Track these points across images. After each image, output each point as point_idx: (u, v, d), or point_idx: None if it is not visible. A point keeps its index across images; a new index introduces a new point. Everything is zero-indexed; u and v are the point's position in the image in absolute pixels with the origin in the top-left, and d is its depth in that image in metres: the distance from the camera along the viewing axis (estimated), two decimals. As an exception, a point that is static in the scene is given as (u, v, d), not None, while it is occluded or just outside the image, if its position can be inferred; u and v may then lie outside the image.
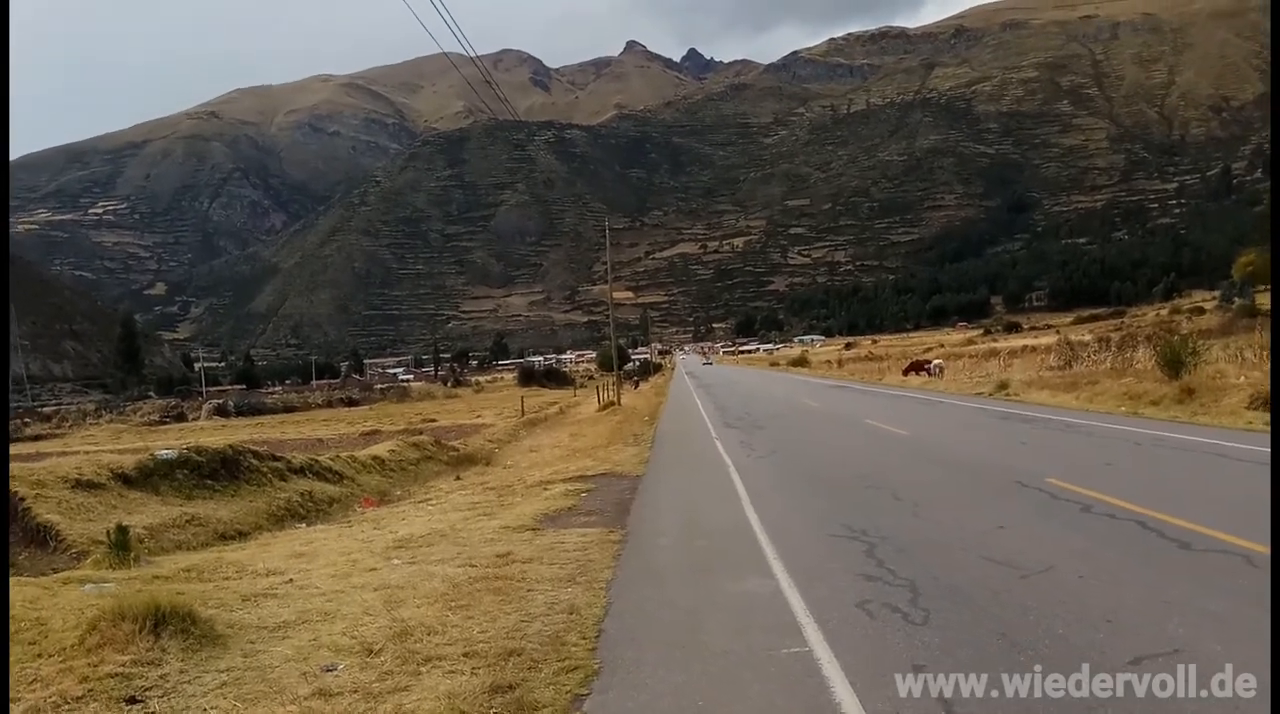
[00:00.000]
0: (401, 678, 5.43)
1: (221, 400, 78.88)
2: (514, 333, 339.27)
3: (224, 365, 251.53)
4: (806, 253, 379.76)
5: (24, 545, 11.28)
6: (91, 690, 5.29)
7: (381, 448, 23.32)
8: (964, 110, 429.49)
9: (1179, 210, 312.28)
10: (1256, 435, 14.37)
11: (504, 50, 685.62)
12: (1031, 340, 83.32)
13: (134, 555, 9.71)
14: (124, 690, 5.32)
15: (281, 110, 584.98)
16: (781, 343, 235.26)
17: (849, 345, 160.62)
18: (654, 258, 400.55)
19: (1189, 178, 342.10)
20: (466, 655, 5.80)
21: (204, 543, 12.43)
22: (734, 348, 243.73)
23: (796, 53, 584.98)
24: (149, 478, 14.56)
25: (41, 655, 5.93)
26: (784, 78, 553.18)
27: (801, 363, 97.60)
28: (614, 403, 42.70)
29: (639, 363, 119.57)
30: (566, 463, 19.61)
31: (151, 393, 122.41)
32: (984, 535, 8.36)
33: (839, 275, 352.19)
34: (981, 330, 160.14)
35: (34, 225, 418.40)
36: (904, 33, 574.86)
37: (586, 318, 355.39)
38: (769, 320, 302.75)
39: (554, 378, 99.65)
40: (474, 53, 20.34)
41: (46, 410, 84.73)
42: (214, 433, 42.91)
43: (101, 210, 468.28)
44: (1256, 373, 20.24)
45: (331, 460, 19.65)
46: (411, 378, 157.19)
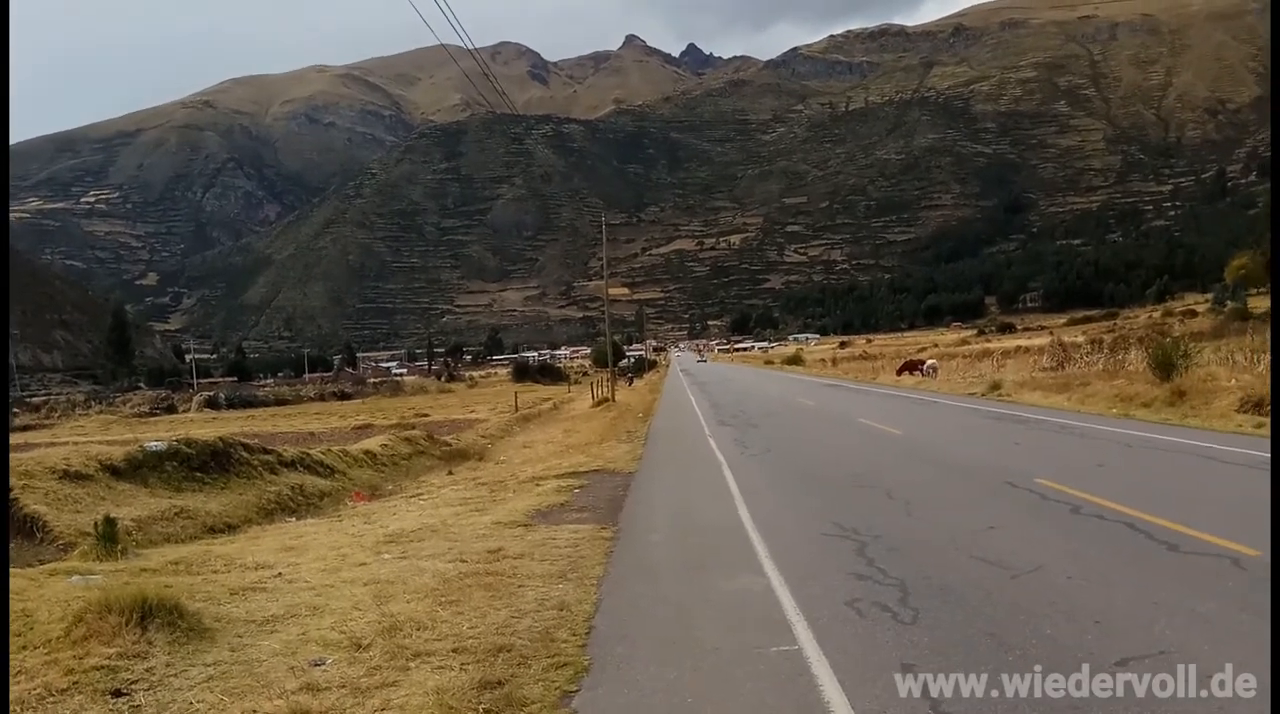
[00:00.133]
0: (390, 673, 5.41)
1: (212, 392, 78.75)
2: (509, 328, 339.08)
3: (215, 357, 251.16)
4: (803, 251, 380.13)
5: (11, 536, 11.22)
6: (77, 683, 5.27)
7: (373, 442, 23.31)
8: (962, 110, 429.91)
9: (1174, 212, 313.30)
10: (1246, 438, 14.41)
11: (502, 43, 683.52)
12: (1025, 341, 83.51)
13: (121, 548, 9.67)
14: (110, 683, 5.30)
15: (277, 100, 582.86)
16: (776, 341, 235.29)
17: (844, 344, 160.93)
18: (650, 254, 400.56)
19: (1184, 180, 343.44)
20: (456, 651, 5.79)
21: (192, 536, 12.40)
22: (729, 345, 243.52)
23: (796, 49, 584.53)
24: (138, 470, 14.52)
25: (27, 648, 5.90)
26: (783, 74, 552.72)
27: (796, 361, 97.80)
28: (608, 399, 42.74)
29: (634, 359, 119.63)
30: (559, 459, 19.61)
31: (142, 384, 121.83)
32: (975, 535, 8.37)
33: (835, 274, 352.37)
34: (975, 331, 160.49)
35: (25, 214, 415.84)
36: (903, 31, 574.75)
37: (582, 314, 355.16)
38: (764, 318, 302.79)
39: (548, 374, 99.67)
40: (472, 45, 20.30)
41: (35, 401, 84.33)
42: (204, 425, 42.77)
43: (93, 199, 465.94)
44: (1248, 376, 20.27)
45: (323, 454, 19.62)
46: (405, 372, 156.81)
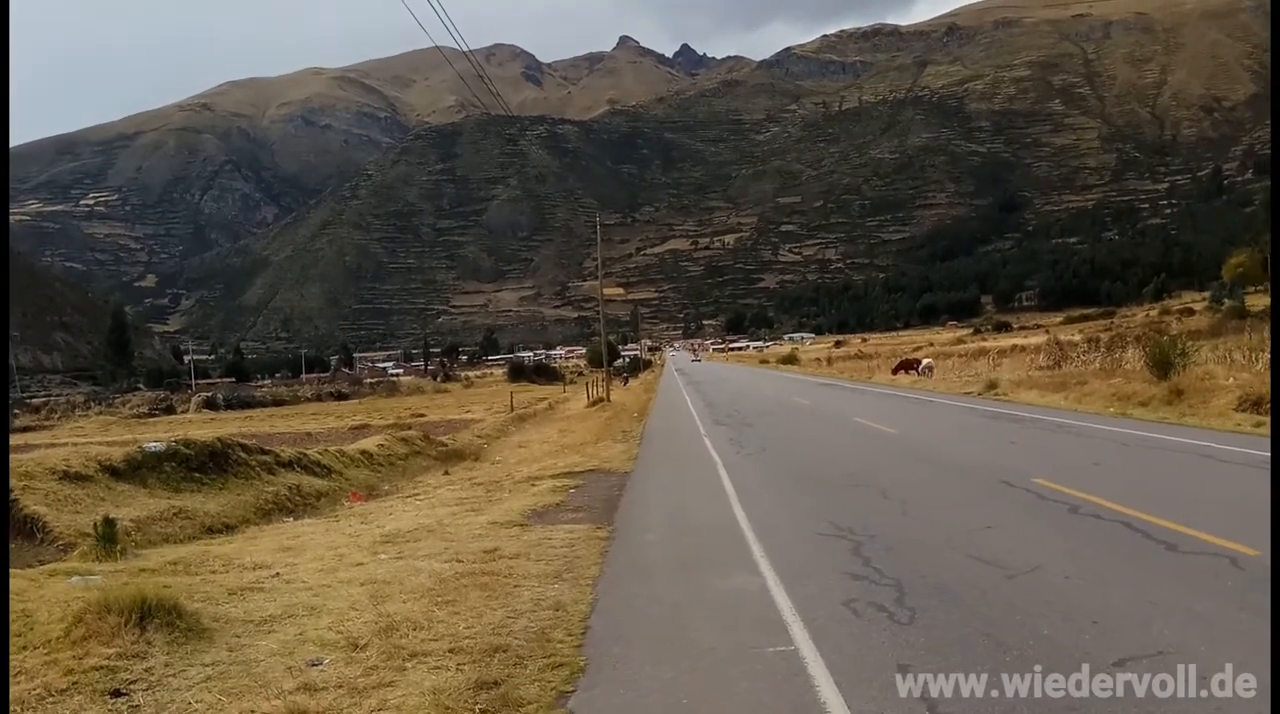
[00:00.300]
0: (386, 673, 5.42)
1: (211, 393, 78.72)
2: (504, 328, 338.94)
3: (214, 358, 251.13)
4: (797, 250, 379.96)
5: (11, 537, 11.21)
6: (76, 683, 5.28)
7: (370, 442, 23.31)
8: (956, 109, 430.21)
9: (1170, 211, 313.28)
10: (1245, 437, 14.41)
11: (496, 45, 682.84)
12: (1021, 340, 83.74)
13: (121, 548, 9.68)
14: (109, 683, 5.31)
15: (274, 103, 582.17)
16: (771, 340, 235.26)
17: (839, 343, 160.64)
18: (645, 254, 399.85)
19: (1180, 178, 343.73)
20: (452, 651, 5.79)
21: (191, 536, 12.40)
22: (724, 345, 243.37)
23: (789, 49, 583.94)
24: (137, 470, 14.51)
25: (27, 648, 5.90)
26: (776, 74, 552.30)
27: (791, 361, 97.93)
28: (603, 399, 42.73)
29: (629, 359, 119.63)
30: (555, 459, 19.60)
31: (141, 385, 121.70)
32: (971, 535, 8.37)
33: (830, 273, 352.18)
34: (971, 329, 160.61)
35: (25, 216, 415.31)
36: (896, 30, 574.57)
37: (577, 313, 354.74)
38: (759, 317, 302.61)
39: (544, 373, 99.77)
40: (466, 47, 20.33)
41: (35, 402, 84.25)
42: (203, 426, 42.74)
43: (92, 202, 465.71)
44: (1245, 374, 20.29)
45: (320, 454, 19.63)
46: (401, 372, 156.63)
